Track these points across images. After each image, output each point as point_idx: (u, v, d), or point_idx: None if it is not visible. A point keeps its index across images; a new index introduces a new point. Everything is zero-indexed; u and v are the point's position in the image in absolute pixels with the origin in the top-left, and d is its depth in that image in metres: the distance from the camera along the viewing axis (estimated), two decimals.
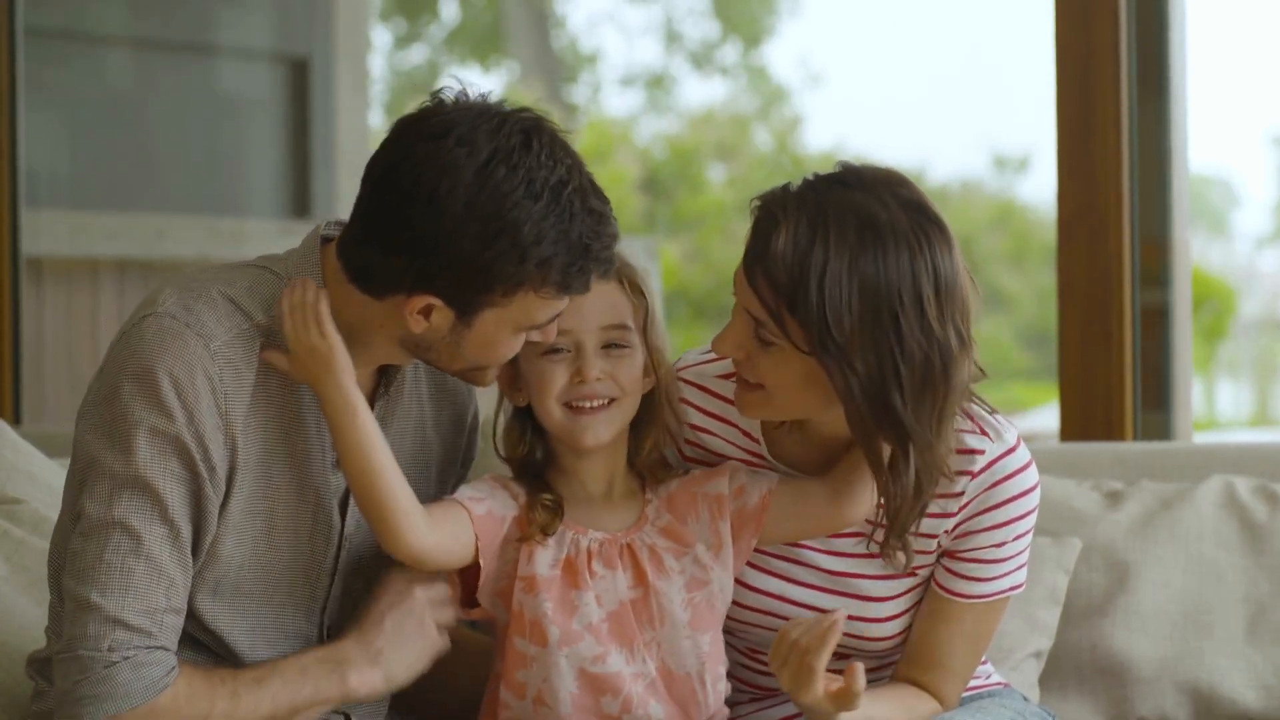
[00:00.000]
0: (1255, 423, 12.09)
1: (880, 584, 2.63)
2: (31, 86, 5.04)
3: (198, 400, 2.39)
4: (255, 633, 2.54)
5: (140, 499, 2.38)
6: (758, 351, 2.45)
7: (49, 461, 3.26)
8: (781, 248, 2.37)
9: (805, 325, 2.37)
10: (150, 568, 2.38)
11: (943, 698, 2.64)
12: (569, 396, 2.51)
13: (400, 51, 12.22)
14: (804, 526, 2.60)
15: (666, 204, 11.75)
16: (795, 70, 12.73)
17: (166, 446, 2.38)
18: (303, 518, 2.52)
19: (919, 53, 11.36)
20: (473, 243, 2.35)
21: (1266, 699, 3.19)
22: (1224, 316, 11.91)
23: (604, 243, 2.41)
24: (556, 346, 2.51)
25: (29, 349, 5.39)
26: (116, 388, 2.40)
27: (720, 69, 12.34)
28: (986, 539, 2.59)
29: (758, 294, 2.41)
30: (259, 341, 2.45)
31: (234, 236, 7.15)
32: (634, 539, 2.54)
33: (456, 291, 2.39)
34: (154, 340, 2.40)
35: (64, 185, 7.20)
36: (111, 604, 2.37)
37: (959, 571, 2.60)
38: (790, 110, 12.33)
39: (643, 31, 12.79)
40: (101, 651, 2.36)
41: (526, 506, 2.53)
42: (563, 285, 2.40)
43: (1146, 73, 3.91)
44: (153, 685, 2.38)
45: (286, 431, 2.49)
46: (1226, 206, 12.59)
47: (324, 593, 2.57)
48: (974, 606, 2.61)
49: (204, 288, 2.47)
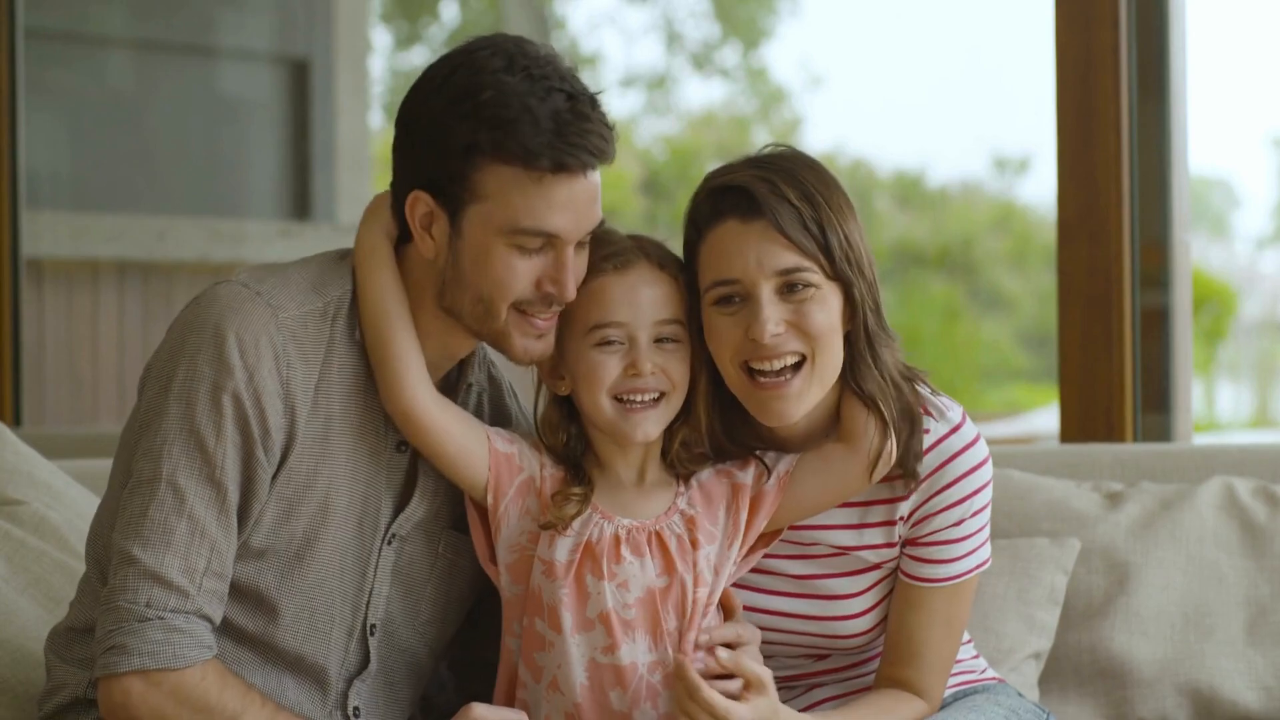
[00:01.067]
0: (1255, 424, 12.08)
1: (847, 581, 2.65)
2: (32, 88, 5.04)
3: (259, 362, 2.42)
4: (301, 610, 2.53)
5: (190, 456, 2.41)
6: (797, 311, 2.52)
7: (48, 463, 3.26)
8: (790, 195, 2.51)
9: (838, 247, 2.52)
10: (192, 527, 2.40)
11: (924, 691, 2.64)
12: (621, 389, 2.52)
13: (400, 53, 12.21)
14: (827, 486, 2.60)
15: (667, 205, 11.75)
16: (795, 72, 12.73)
17: (224, 404, 2.41)
18: (354, 501, 2.53)
19: (919, 54, 11.36)
20: (445, 108, 2.45)
21: (1267, 700, 3.19)
22: (1224, 318, 11.91)
23: (580, 129, 2.44)
24: (610, 339, 2.52)
25: (29, 351, 5.39)
26: (181, 344, 2.44)
27: (720, 70, 12.35)
28: (945, 519, 2.61)
29: (793, 242, 2.50)
30: (331, 325, 2.49)
31: (234, 238, 7.16)
32: (663, 527, 2.56)
33: (439, 174, 2.45)
34: (224, 302, 2.45)
35: (64, 187, 7.20)
36: (151, 559, 2.39)
37: (923, 556, 2.62)
38: (790, 112, 12.33)
39: (643, 33, 12.79)
40: (138, 606, 2.38)
41: (555, 495, 2.54)
42: (527, 158, 2.42)
43: (1146, 75, 3.91)
44: (181, 655, 2.39)
45: (351, 419, 2.51)
46: (1227, 208, 12.59)
47: (369, 585, 2.57)
48: (943, 590, 2.63)
49: (281, 268, 2.53)
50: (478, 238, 2.47)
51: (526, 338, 2.51)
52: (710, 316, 2.55)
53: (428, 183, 2.48)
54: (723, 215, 2.54)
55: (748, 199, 2.52)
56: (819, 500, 2.61)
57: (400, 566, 2.58)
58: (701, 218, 2.57)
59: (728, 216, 2.53)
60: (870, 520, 2.64)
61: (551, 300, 2.50)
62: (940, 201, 12.49)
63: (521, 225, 2.45)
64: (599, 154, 2.47)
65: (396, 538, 2.57)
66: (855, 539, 2.64)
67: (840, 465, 2.58)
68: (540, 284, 2.49)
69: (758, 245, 2.51)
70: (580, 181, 2.46)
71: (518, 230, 2.45)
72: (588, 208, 2.49)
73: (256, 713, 2.42)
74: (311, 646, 2.54)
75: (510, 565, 2.56)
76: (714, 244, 2.54)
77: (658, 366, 2.53)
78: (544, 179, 2.44)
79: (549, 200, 2.45)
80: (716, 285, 2.53)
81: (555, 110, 2.43)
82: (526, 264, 2.47)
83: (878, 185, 12.44)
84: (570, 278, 2.48)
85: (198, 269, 7.06)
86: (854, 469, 2.58)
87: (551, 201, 2.45)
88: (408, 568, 2.59)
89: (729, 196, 2.54)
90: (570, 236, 2.48)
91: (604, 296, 2.54)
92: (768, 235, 2.51)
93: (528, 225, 2.45)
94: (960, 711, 2.66)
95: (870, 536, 2.64)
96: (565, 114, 2.43)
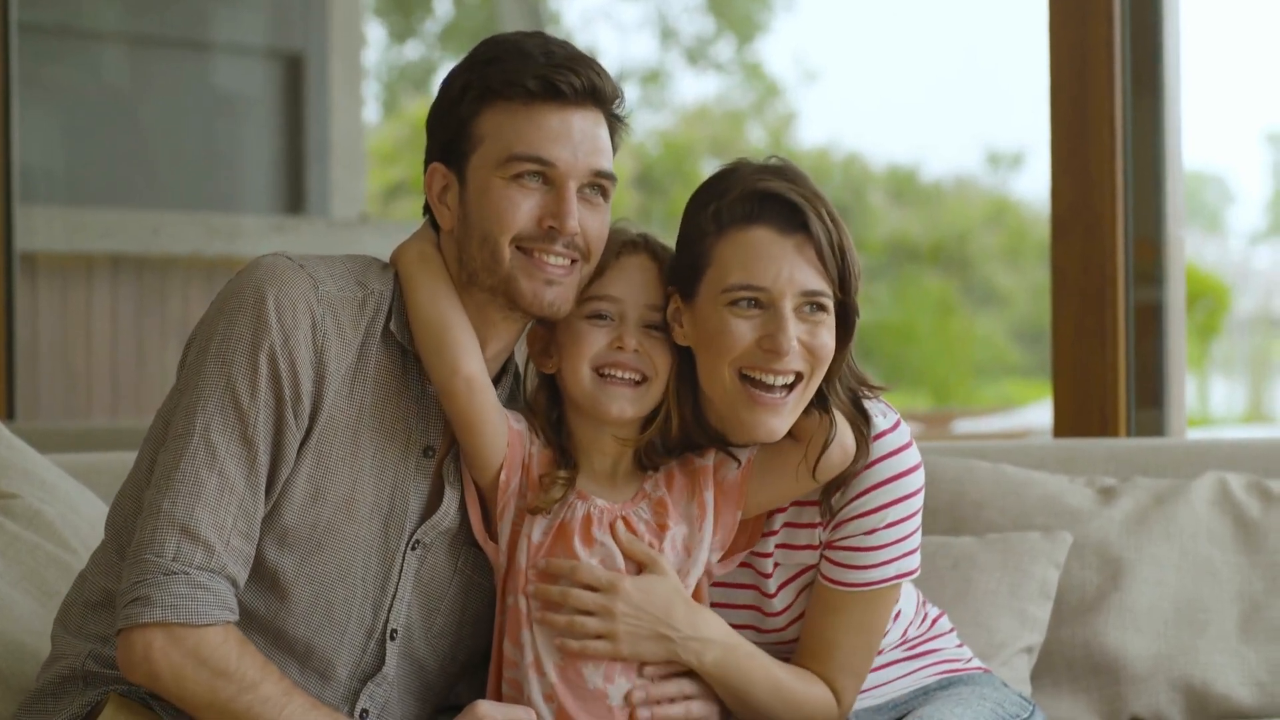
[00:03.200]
0: (1249, 419, 12.10)
1: (770, 580, 2.65)
2: (26, 83, 5.04)
3: (296, 326, 2.44)
4: (316, 599, 2.53)
5: (225, 413, 2.42)
6: (810, 332, 2.53)
7: (42, 458, 3.26)
8: (824, 216, 2.54)
9: (853, 271, 2.56)
10: (222, 483, 2.41)
11: (836, 690, 2.64)
12: (602, 361, 2.54)
13: (395, 47, 12.22)
14: (779, 483, 2.61)
15: (661, 200, 11.76)
16: (790, 66, 12.75)
17: (260, 363, 2.43)
18: (380, 500, 2.54)
19: (914, 50, 11.37)
20: (453, 74, 2.53)
21: (1260, 696, 3.19)
22: (1218, 313, 11.93)
23: (573, 62, 2.49)
24: (600, 312, 2.55)
25: (23, 345, 5.39)
26: (222, 307, 2.47)
27: (715, 65, 12.35)
28: (859, 526, 2.59)
29: (824, 265, 2.53)
30: (370, 319, 2.51)
31: (229, 232, 7.15)
32: (630, 513, 2.57)
33: (446, 135, 2.52)
34: (267, 269, 2.48)
35: (59, 181, 7.20)
36: (181, 510, 2.40)
37: (838, 560, 2.61)
38: (784, 106, 12.35)
39: (637, 27, 12.80)
40: (164, 559, 2.39)
41: (543, 477, 2.57)
42: (515, 85, 2.47)
43: (1141, 70, 3.92)
44: (204, 612, 2.39)
45: (383, 418, 2.53)
46: (1221, 204, 12.61)
47: (393, 589, 2.57)
48: (858, 595, 2.61)
49: (323, 256, 2.56)
50: (479, 180, 2.50)
51: (534, 281, 2.51)
52: (720, 314, 2.53)
53: (440, 151, 2.53)
54: (758, 220, 2.53)
55: (790, 211, 2.52)
56: (774, 494, 2.62)
57: (422, 574, 2.59)
58: (731, 217, 2.54)
59: (764, 223, 2.52)
60: (803, 520, 2.64)
61: (554, 235, 2.50)
62: (934, 197, 12.51)
63: (514, 151, 2.48)
64: (592, 87, 2.49)
65: (421, 544, 2.57)
66: (788, 538, 2.65)
67: (790, 460, 2.59)
68: (541, 220, 2.50)
69: (792, 260, 2.51)
70: (575, 114, 2.49)
71: (510, 158, 2.48)
72: (586, 143, 2.50)
73: (274, 685, 2.41)
74: (323, 639, 2.54)
75: (507, 542, 2.58)
76: (744, 246, 2.53)
77: (644, 348, 2.55)
78: (533, 105, 2.47)
79: (539, 126, 2.48)
80: (740, 288, 2.52)
81: (548, 49, 2.49)
82: (526, 198, 2.50)
83: (872, 180, 12.46)
84: (570, 210, 2.49)
85: (192, 264, 7.06)
86: (801, 467, 2.58)
87: (542, 127, 2.48)
88: (429, 576, 2.60)
89: (770, 204, 2.53)
90: (566, 168, 2.49)
91: (604, 271, 2.57)
92: (804, 253, 2.52)
93: (519, 150, 2.48)
94: (946, 704, 2.67)
95: (802, 536, 2.64)
96: (558, 51, 2.49)
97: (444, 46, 12.33)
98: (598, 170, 2.52)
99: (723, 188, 2.57)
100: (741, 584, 2.67)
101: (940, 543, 3.21)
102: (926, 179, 12.37)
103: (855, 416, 2.58)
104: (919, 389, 11.49)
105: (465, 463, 2.57)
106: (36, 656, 2.76)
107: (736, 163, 2.61)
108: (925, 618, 2.81)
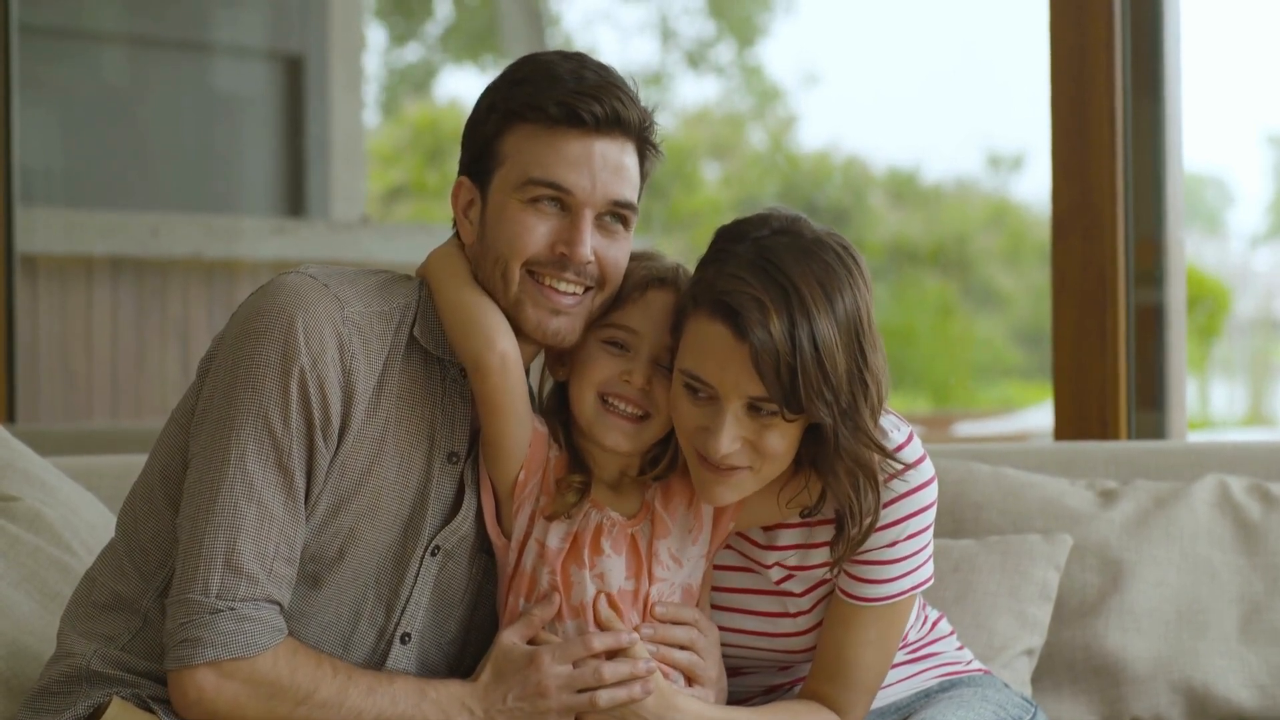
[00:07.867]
0: (1249, 422, 12.08)
1: (789, 599, 2.66)
2: (26, 84, 5.04)
3: (324, 349, 2.44)
4: (327, 601, 2.53)
5: (260, 441, 2.42)
6: (758, 432, 2.48)
7: (42, 460, 3.27)
8: (775, 331, 2.40)
9: (808, 388, 2.41)
10: (262, 512, 2.42)
11: (845, 709, 2.64)
12: (609, 390, 2.54)
13: (395, 49, 12.22)
14: (759, 504, 2.61)
15: (662, 203, 11.76)
16: (790, 69, 12.74)
17: (291, 390, 2.42)
18: (403, 506, 2.54)
19: (914, 52, 11.37)
20: (485, 92, 2.52)
21: (1260, 698, 3.19)
22: (1218, 315, 11.92)
23: (600, 89, 2.47)
24: (617, 340, 2.54)
25: (23, 347, 5.39)
26: (247, 329, 2.46)
27: (715, 68, 12.35)
28: (879, 539, 2.59)
29: (764, 380, 2.42)
30: (394, 332, 2.51)
31: (229, 234, 7.15)
32: (636, 530, 2.58)
33: (473, 152, 2.51)
34: (291, 290, 2.46)
35: (58, 183, 7.19)
36: (222, 545, 2.40)
37: (858, 575, 2.62)
38: (785, 109, 12.34)
39: (638, 30, 12.80)
40: (209, 598, 2.39)
41: (559, 481, 2.57)
42: (538, 109, 2.45)
43: (1141, 71, 3.92)
44: (254, 643, 2.40)
45: (408, 426, 2.52)
46: (1221, 205, 12.60)
47: (407, 591, 2.57)
48: (877, 609, 2.62)
49: (346, 270, 2.55)
50: (498, 200, 2.51)
51: (540, 310, 2.52)
52: (678, 390, 2.51)
53: (467, 166, 2.54)
54: (718, 318, 2.45)
55: (739, 322, 2.43)
56: (767, 514, 2.63)
57: (441, 580, 2.59)
58: (699, 304, 2.48)
59: (722, 321, 2.45)
60: (816, 540, 2.64)
61: (565, 262, 2.50)
62: (934, 198, 12.50)
63: (531, 175, 2.48)
64: (615, 116, 2.48)
65: (441, 550, 2.57)
66: (800, 559, 2.65)
67: (763, 490, 2.60)
68: (554, 245, 2.49)
69: (739, 367, 2.43)
70: (597, 141, 2.48)
71: (528, 181, 2.48)
72: (606, 173, 2.49)
73: (328, 686, 2.43)
74: (330, 635, 2.54)
75: (518, 541, 2.58)
76: (701, 339, 2.47)
77: (651, 386, 2.54)
78: (555, 130, 2.47)
79: (559, 152, 2.47)
80: (691, 377, 2.48)
81: (579, 74, 2.47)
82: (541, 223, 2.49)
83: (872, 182, 12.46)
84: (582, 238, 2.48)
85: (192, 265, 7.05)
86: (769, 499, 2.59)
87: (562, 153, 2.47)
88: (447, 583, 2.60)
89: (725, 308, 2.45)
90: (584, 196, 2.49)
91: (627, 301, 2.56)
92: (749, 364, 2.43)
93: (536, 175, 2.48)
94: (948, 706, 2.67)
95: (816, 556, 2.64)
96: (589, 76, 2.48)
97: (445, 49, 12.33)
98: (616, 200, 2.51)
99: (706, 271, 2.52)
100: (759, 590, 2.68)
101: (941, 545, 3.21)
102: (926, 181, 12.35)
103: (864, 487, 2.53)
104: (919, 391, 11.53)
105: (486, 460, 2.56)
106: (38, 658, 2.76)
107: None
108: (925, 620, 2.81)
